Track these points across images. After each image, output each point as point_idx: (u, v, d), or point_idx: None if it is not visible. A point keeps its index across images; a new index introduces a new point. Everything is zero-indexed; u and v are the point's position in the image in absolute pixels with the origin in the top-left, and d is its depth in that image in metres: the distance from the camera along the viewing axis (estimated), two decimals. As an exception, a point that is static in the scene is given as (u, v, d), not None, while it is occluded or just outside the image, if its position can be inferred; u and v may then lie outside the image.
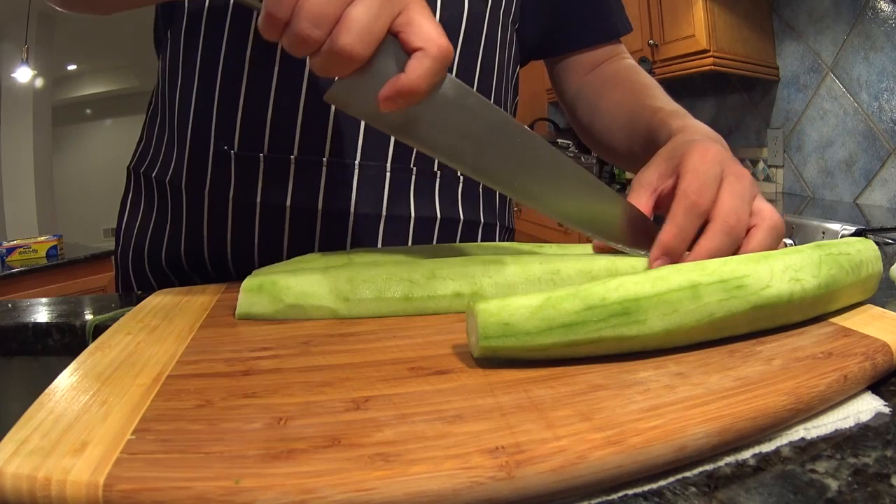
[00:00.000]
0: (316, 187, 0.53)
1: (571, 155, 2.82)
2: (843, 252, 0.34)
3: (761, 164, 2.08)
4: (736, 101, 2.18)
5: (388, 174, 0.54)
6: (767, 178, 2.06)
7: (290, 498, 0.19)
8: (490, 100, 0.59)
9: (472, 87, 0.56)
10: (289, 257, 0.53)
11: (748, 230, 0.39)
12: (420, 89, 0.32)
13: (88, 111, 5.91)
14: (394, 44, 0.33)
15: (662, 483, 0.22)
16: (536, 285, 0.38)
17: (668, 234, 0.38)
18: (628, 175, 2.57)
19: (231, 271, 0.55)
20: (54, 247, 2.48)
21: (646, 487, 0.21)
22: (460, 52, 0.55)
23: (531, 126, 3.32)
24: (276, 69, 0.51)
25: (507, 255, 0.42)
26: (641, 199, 0.42)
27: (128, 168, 0.63)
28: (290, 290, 0.37)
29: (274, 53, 0.51)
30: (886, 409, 0.26)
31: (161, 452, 0.21)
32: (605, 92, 0.64)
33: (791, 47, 1.90)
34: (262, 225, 0.53)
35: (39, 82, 4.01)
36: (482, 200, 0.61)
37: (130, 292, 0.61)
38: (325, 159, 0.53)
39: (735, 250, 0.38)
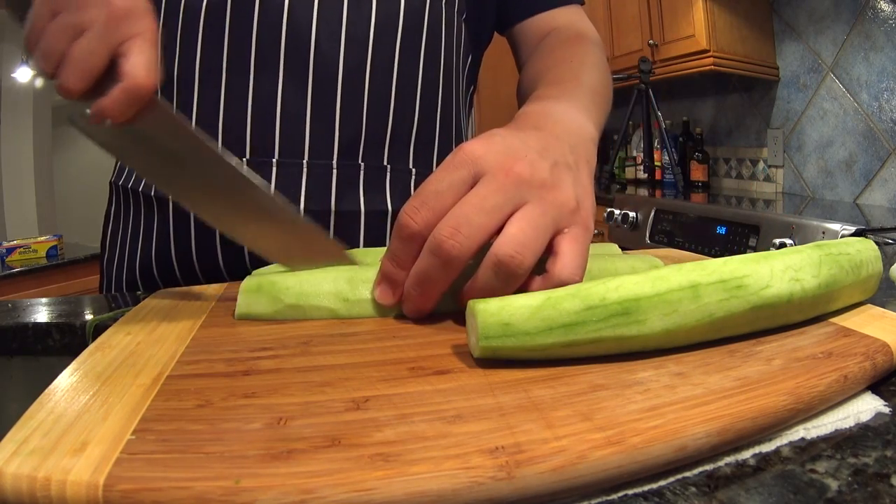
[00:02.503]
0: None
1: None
2: (843, 252, 0.34)
3: (761, 164, 2.08)
4: (736, 101, 2.18)
5: (335, 170, 0.55)
6: (767, 178, 2.06)
7: (290, 498, 0.19)
8: (438, 89, 0.59)
9: (417, 79, 0.58)
10: (251, 259, 0.54)
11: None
12: (110, 114, 0.33)
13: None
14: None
15: (662, 483, 0.22)
16: (536, 285, 0.38)
17: (385, 262, 0.36)
18: (628, 175, 2.57)
19: (225, 276, 0.56)
20: (54, 247, 2.48)
21: (646, 487, 0.21)
22: (400, 46, 0.56)
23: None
24: (224, 78, 0.53)
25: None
26: None
27: (110, 182, 0.64)
28: (290, 291, 0.37)
29: (220, 64, 0.53)
30: (886, 409, 0.26)
31: (161, 452, 0.21)
32: (529, 66, 0.64)
33: (791, 47, 1.90)
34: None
35: (39, 82, 4.01)
36: None
37: (131, 293, 0.61)
38: (274, 160, 0.54)
39: (460, 278, 0.34)
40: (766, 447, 0.24)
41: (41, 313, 0.48)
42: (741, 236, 1.42)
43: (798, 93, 1.89)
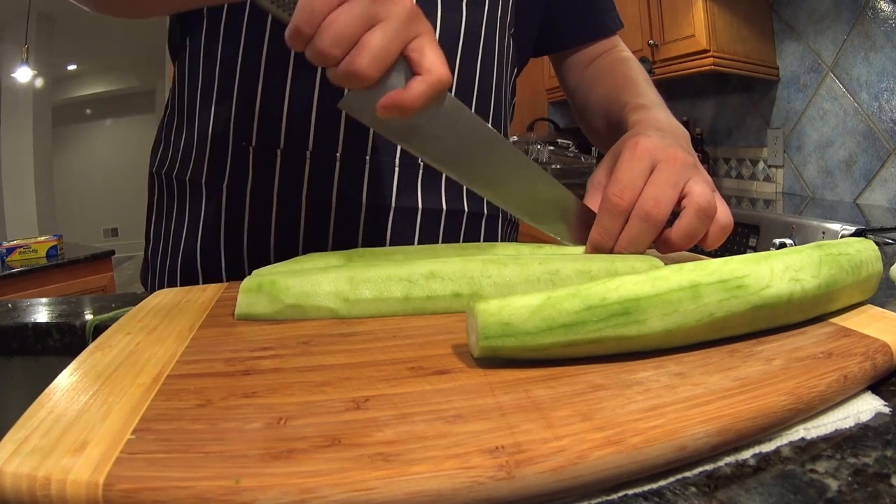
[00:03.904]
0: (330, 181, 0.55)
1: (571, 154, 2.82)
2: (843, 252, 0.34)
3: (761, 164, 2.08)
4: (736, 101, 2.18)
5: (396, 168, 0.57)
6: (767, 178, 2.06)
7: (290, 498, 0.19)
8: (490, 100, 0.62)
9: (473, 89, 0.60)
10: (304, 248, 0.56)
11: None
12: (413, 106, 0.36)
13: (88, 111, 5.91)
14: (403, 62, 0.37)
15: (662, 483, 0.22)
16: (536, 285, 0.38)
17: (595, 234, 0.45)
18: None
19: (245, 266, 0.57)
20: (54, 247, 2.48)
21: (646, 487, 0.21)
22: (460, 59, 0.59)
23: (531, 126, 3.32)
24: (290, 71, 0.54)
25: (506, 255, 0.42)
26: (593, 201, 0.48)
27: (151, 172, 0.65)
28: (290, 291, 0.37)
29: (289, 56, 0.53)
30: (886, 409, 0.26)
31: (161, 452, 0.21)
32: (594, 85, 0.69)
33: (791, 47, 1.90)
34: (279, 218, 0.55)
35: (39, 82, 4.02)
36: None
37: (130, 292, 0.61)
38: (338, 154, 0.55)
39: (658, 233, 0.44)
40: (766, 447, 0.24)
41: (41, 313, 0.48)
42: (741, 236, 1.42)
43: (798, 93, 1.89)
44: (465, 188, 0.61)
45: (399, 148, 0.56)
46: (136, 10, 0.54)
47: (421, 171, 0.58)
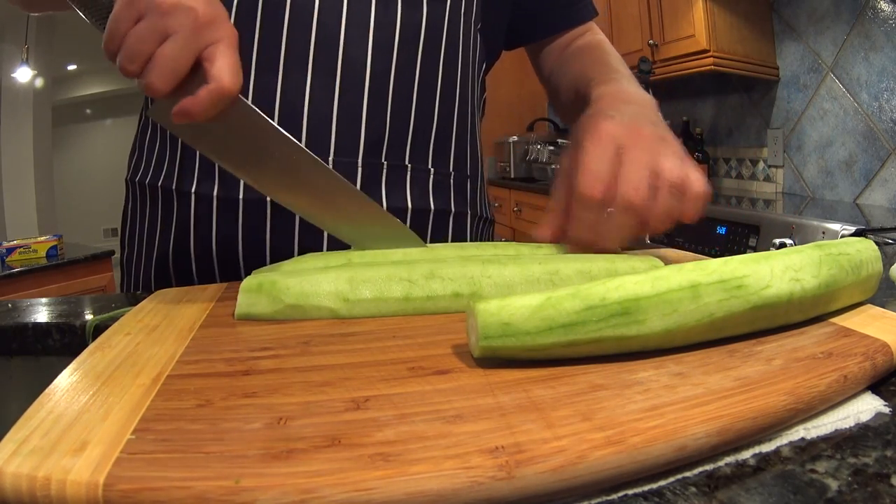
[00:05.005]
0: None
1: (571, 155, 2.81)
2: (843, 252, 0.34)
3: (761, 164, 2.08)
4: (736, 101, 2.18)
5: (359, 168, 0.57)
6: (767, 178, 2.06)
7: (290, 498, 0.19)
8: (455, 96, 0.62)
9: (436, 85, 0.60)
10: (272, 252, 0.56)
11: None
12: (195, 113, 0.36)
13: (88, 111, 5.91)
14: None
15: (662, 483, 0.22)
16: (536, 285, 0.38)
17: (575, 229, 0.44)
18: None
19: (242, 272, 0.57)
20: (54, 247, 2.48)
21: (646, 487, 0.21)
22: (422, 55, 0.59)
23: (531, 126, 3.32)
24: (252, 75, 0.54)
25: (505, 255, 0.42)
26: (562, 191, 0.46)
27: (126, 180, 0.66)
28: (290, 291, 0.37)
29: (250, 61, 0.54)
30: (886, 409, 0.26)
31: (161, 452, 0.21)
32: (566, 68, 0.70)
33: (791, 47, 1.90)
34: (245, 223, 0.55)
35: (39, 82, 4.01)
36: (453, 190, 0.63)
37: (130, 292, 0.61)
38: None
39: (645, 218, 0.43)
40: (766, 447, 0.24)
41: (41, 313, 0.48)
42: (741, 236, 1.42)
43: (798, 93, 1.89)
44: (430, 185, 0.61)
45: (362, 148, 0.57)
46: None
47: (385, 171, 0.58)
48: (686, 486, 0.21)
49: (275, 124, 0.41)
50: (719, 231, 1.49)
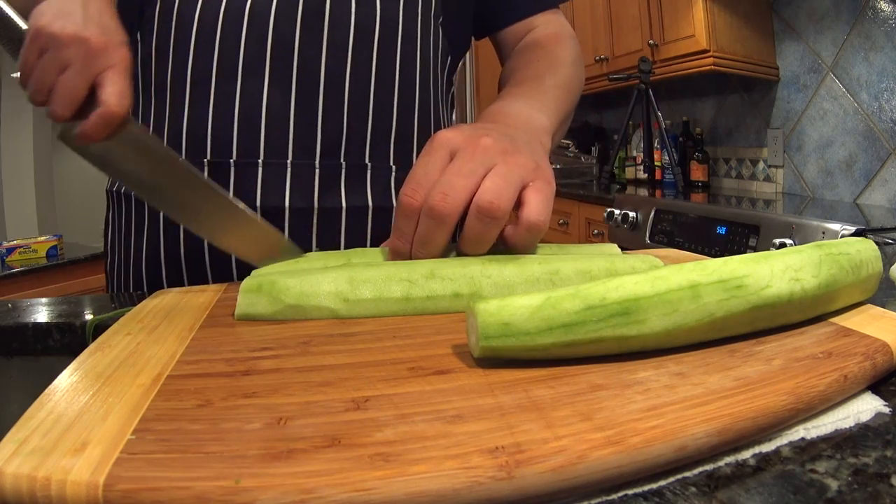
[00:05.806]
0: (253, 186, 0.56)
1: (571, 155, 2.82)
2: (843, 252, 0.34)
3: (761, 164, 2.08)
4: (736, 101, 2.18)
5: (317, 170, 0.58)
6: (767, 178, 2.06)
7: (290, 498, 0.19)
8: (415, 90, 0.62)
9: (394, 80, 0.60)
10: (236, 260, 0.56)
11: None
12: (88, 135, 0.39)
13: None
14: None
15: (662, 483, 0.22)
16: (535, 285, 0.38)
17: (392, 238, 0.42)
18: (628, 175, 2.57)
19: (209, 279, 0.58)
20: (54, 247, 2.48)
21: (646, 487, 0.21)
22: (377, 51, 0.59)
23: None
24: (213, 83, 0.56)
25: (505, 255, 0.42)
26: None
27: (106, 190, 0.66)
28: (290, 291, 0.37)
29: (210, 73, 0.56)
30: (886, 409, 0.26)
31: (161, 452, 0.21)
32: (506, 67, 0.69)
33: (791, 47, 1.90)
34: None
35: (39, 82, 4.01)
36: None
37: (130, 292, 0.61)
38: (259, 161, 0.56)
39: (450, 230, 0.40)
40: (766, 447, 0.24)
41: (41, 313, 0.48)
42: (741, 236, 1.42)
43: (798, 93, 1.89)
44: (392, 183, 0.62)
45: (318, 149, 0.57)
46: None
47: (343, 171, 0.58)
48: (686, 486, 0.21)
49: (164, 145, 0.43)
50: (719, 231, 1.49)
